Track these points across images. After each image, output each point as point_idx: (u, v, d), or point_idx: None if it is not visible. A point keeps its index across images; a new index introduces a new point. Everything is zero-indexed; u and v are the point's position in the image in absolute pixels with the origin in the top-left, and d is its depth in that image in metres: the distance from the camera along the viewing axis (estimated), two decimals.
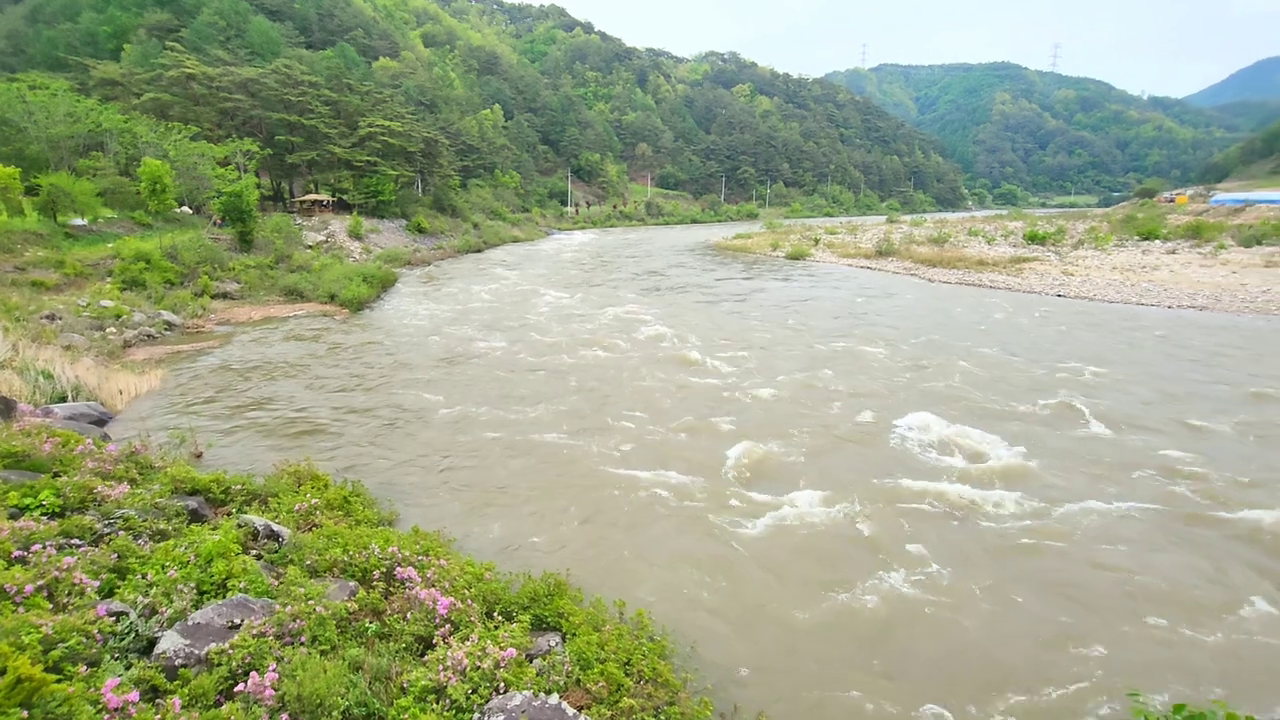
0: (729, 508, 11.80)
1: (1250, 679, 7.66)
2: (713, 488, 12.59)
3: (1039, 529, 11.00)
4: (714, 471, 13.32)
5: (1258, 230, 55.57)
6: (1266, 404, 17.47)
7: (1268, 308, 30.89)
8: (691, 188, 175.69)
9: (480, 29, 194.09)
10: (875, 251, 57.95)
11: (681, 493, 12.38)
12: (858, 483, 12.68)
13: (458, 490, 12.54)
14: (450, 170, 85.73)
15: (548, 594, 7.74)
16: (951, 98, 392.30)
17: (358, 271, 39.30)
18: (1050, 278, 41.27)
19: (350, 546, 8.03)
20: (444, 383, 19.82)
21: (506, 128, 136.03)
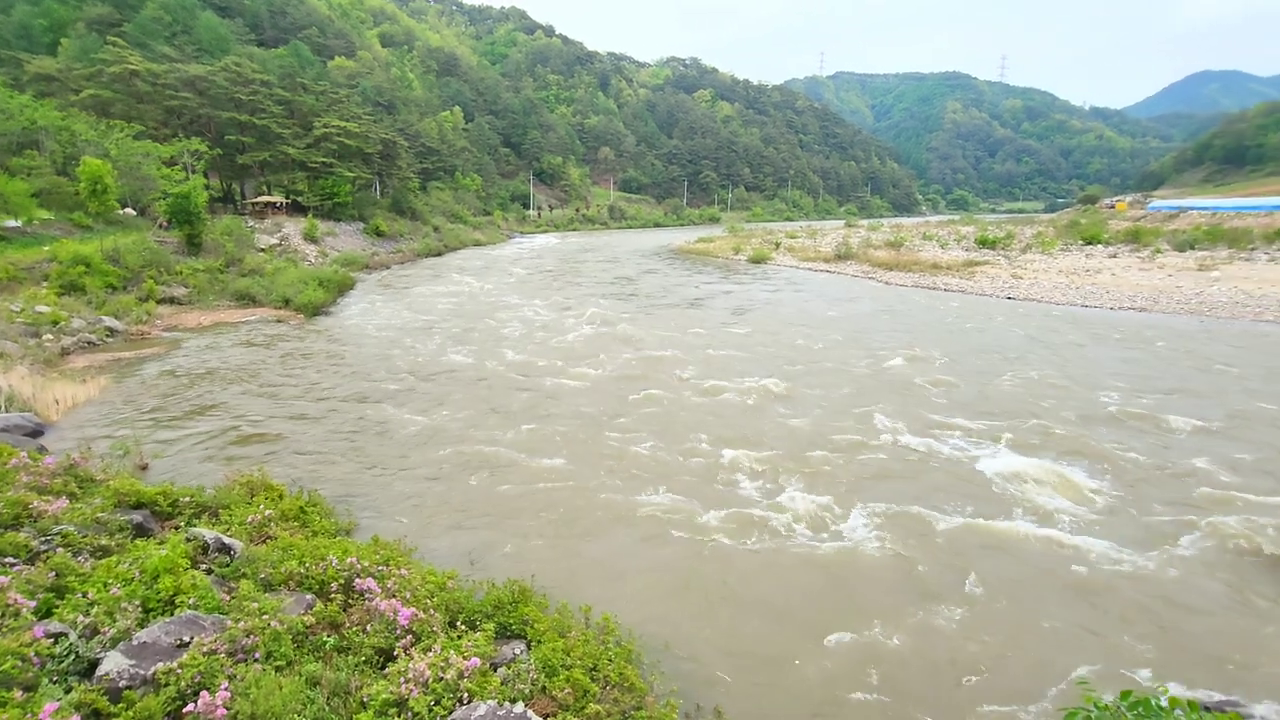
0: (700, 515, 11.85)
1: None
2: (682, 497, 12.63)
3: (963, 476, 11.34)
4: (682, 480, 13.37)
5: (1190, 235, 58.53)
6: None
7: (1200, 309, 32.50)
8: (654, 191, 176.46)
9: (439, 30, 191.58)
10: (835, 255, 59.07)
11: (655, 503, 12.39)
12: (836, 487, 12.89)
13: (419, 499, 12.31)
14: (409, 172, 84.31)
15: (512, 601, 7.65)
16: (906, 106, 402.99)
17: (313, 275, 38.31)
18: (1001, 281, 42.67)
19: (307, 558, 7.80)
20: (404, 391, 19.45)
21: (467, 130, 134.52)
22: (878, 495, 12.37)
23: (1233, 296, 34.50)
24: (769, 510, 11.80)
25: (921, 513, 11.67)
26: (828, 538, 10.93)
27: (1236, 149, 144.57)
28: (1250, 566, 10.12)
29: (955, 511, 11.75)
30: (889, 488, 12.77)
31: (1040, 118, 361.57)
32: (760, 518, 11.53)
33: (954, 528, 11.19)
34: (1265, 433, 15.72)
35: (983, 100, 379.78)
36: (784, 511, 11.71)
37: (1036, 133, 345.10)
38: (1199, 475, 13.27)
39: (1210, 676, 7.71)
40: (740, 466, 13.72)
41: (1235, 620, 8.87)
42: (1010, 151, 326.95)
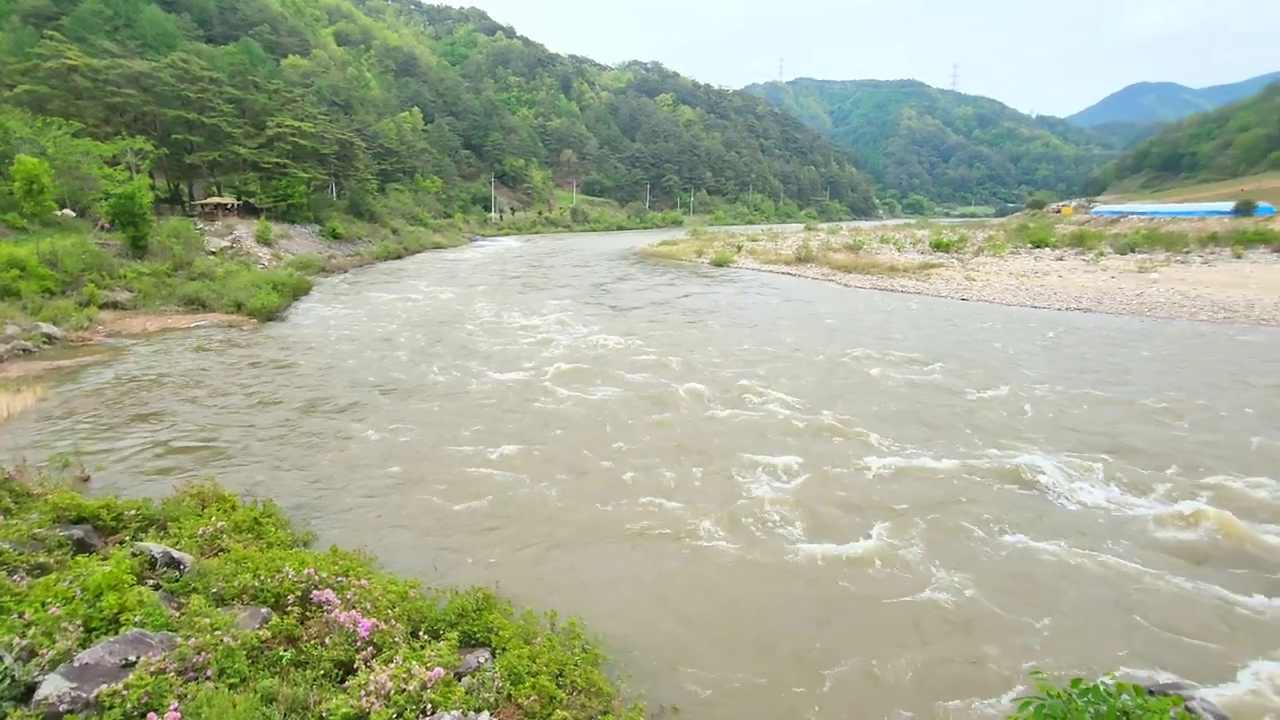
0: (667, 521, 11.88)
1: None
2: (651, 505, 12.64)
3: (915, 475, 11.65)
4: (651, 487, 13.39)
5: (1130, 239, 61.25)
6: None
7: (1141, 310, 34.01)
8: (617, 194, 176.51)
9: (397, 29, 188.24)
10: (795, 258, 59.99)
11: (623, 511, 12.37)
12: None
13: (379, 509, 12.04)
14: (367, 174, 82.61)
15: (476, 609, 7.53)
16: (863, 112, 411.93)
17: (267, 279, 37.21)
18: (955, 283, 43.92)
19: (262, 570, 7.55)
20: (363, 401, 19.03)
21: (427, 131, 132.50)
22: (857, 506, 12.59)
23: (1170, 298, 36.18)
24: (737, 515, 11.90)
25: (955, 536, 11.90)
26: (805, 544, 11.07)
27: (1172, 157, 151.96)
28: (1179, 546, 10.61)
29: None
30: (866, 498, 13.01)
31: (991, 125, 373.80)
32: (726, 524, 11.62)
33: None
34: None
35: (936, 107, 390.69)
36: (752, 518, 11.83)
37: (987, 139, 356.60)
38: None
39: (1159, 661, 8.06)
40: (693, 474, 13.81)
41: (1184, 606, 9.28)
42: (963, 157, 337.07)
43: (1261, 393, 19.37)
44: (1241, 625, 8.84)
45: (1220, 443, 15.25)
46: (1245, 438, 15.53)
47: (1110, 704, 3.40)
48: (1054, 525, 11.46)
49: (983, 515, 11.74)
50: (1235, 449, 14.87)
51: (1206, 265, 49.08)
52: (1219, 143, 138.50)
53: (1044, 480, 13.05)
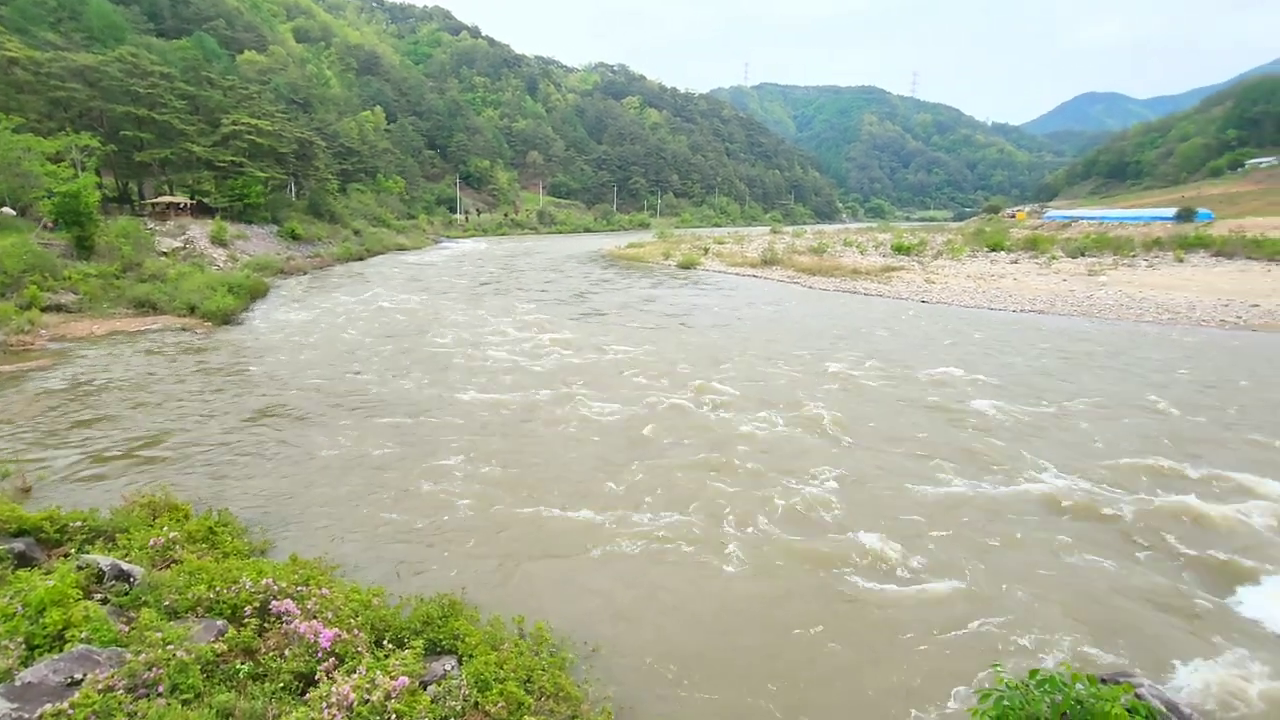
0: (630, 527, 11.87)
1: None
2: (615, 512, 12.61)
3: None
4: (616, 495, 13.37)
5: (1081, 243, 63.54)
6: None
7: (1091, 311, 35.28)
8: (584, 197, 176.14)
9: (359, 27, 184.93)
10: (761, 261, 60.66)
11: (589, 517, 12.32)
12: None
13: (341, 516, 11.77)
14: (327, 174, 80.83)
15: (442, 616, 7.42)
16: (826, 117, 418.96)
17: (222, 281, 36.12)
18: (915, 285, 44.96)
19: (217, 581, 7.32)
20: (323, 407, 18.60)
21: (389, 131, 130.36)
22: (830, 507, 12.75)
23: (1118, 300, 37.62)
24: (702, 520, 11.96)
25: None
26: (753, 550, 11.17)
27: (1119, 164, 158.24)
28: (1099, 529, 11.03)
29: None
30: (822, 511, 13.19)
31: (948, 132, 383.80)
32: (690, 529, 11.67)
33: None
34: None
35: (896, 114, 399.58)
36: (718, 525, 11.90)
37: (945, 146, 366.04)
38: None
39: (1111, 651, 8.35)
40: (663, 478, 13.86)
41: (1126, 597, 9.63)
42: (922, 163, 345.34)
43: (1185, 389, 20.27)
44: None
45: (1203, 439, 15.92)
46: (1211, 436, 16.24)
47: (1065, 693, 3.51)
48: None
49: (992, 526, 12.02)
50: (1201, 445, 15.55)
51: (1151, 269, 51.18)
52: (1161, 151, 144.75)
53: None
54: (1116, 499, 12.51)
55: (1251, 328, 30.83)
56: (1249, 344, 27.63)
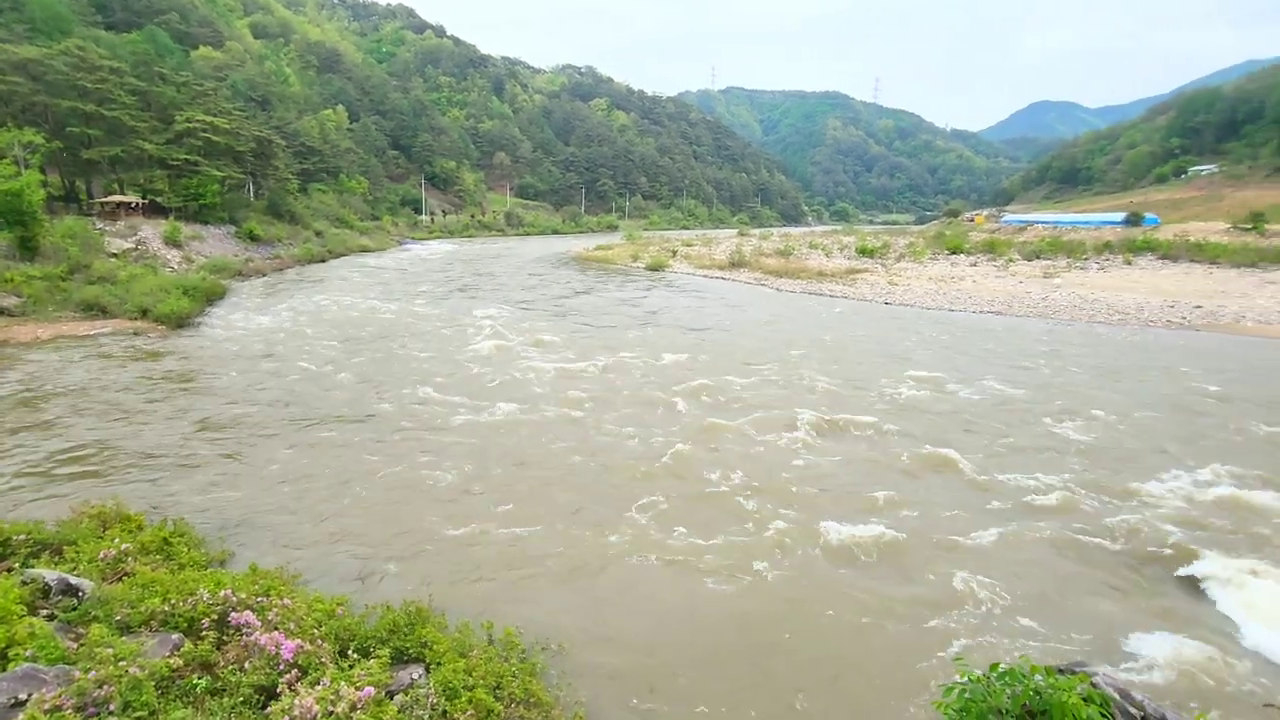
0: (595, 528, 11.84)
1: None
2: (579, 512, 12.57)
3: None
4: (580, 493, 13.32)
5: (1036, 246, 65.63)
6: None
7: (1047, 312, 36.44)
8: (552, 199, 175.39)
9: (319, 24, 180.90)
10: (729, 263, 61.16)
11: (553, 517, 12.25)
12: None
13: (303, 524, 11.50)
14: (287, 173, 78.89)
15: (409, 624, 7.29)
16: (791, 121, 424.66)
17: (176, 283, 34.97)
18: (879, 287, 45.84)
19: (172, 594, 7.06)
20: (282, 412, 18.14)
21: (352, 130, 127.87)
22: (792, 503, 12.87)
23: (1072, 301, 38.93)
24: (665, 523, 11.99)
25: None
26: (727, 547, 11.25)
27: (1071, 170, 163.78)
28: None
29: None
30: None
31: (910, 137, 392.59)
32: (652, 532, 11.70)
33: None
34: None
35: (859, 119, 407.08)
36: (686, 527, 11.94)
37: (907, 151, 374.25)
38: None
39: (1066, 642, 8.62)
40: (632, 483, 13.87)
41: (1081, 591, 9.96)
42: (884, 167, 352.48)
43: (1134, 384, 21.10)
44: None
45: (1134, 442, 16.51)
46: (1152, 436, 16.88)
47: (1025, 685, 3.62)
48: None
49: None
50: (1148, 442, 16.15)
51: (1103, 271, 53.09)
52: (1111, 158, 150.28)
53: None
54: (1077, 498, 12.94)
55: (1195, 328, 32.20)
56: (1193, 343, 28.86)
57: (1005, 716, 3.57)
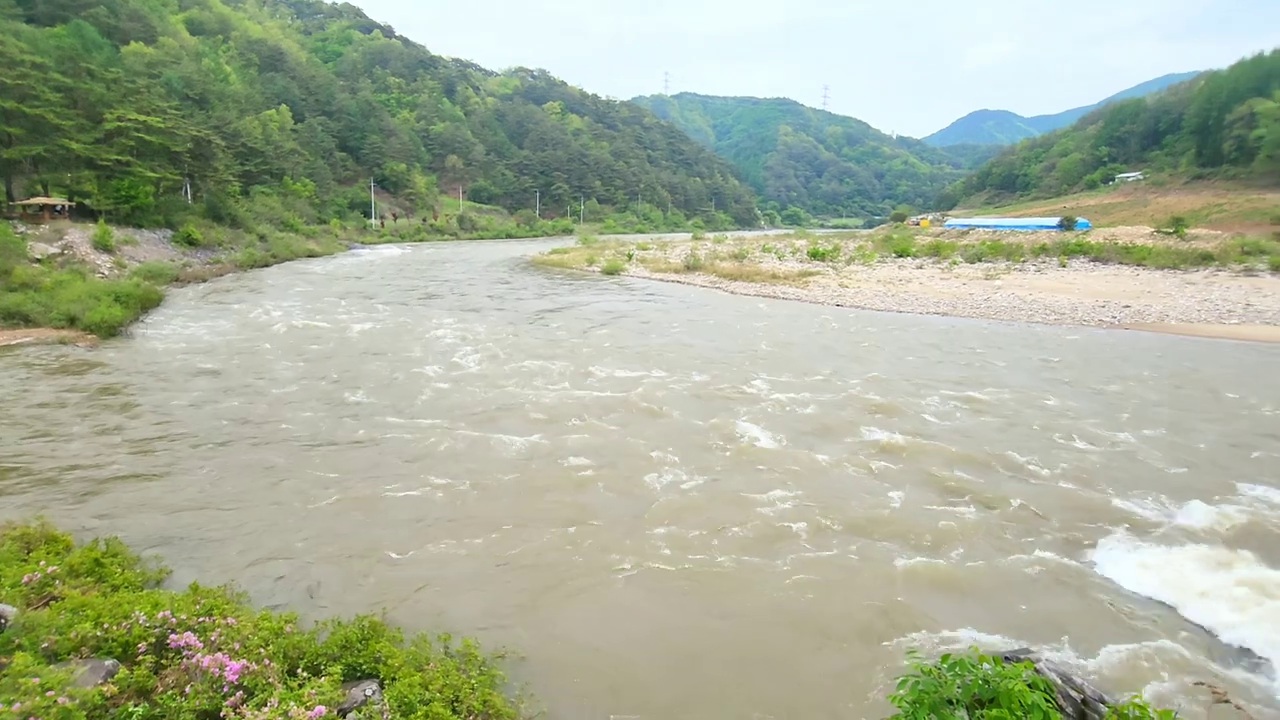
0: (549, 530, 11.75)
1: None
2: (531, 514, 12.45)
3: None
4: (534, 498, 13.20)
5: (978, 249, 68.14)
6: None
7: (989, 313, 37.87)
8: (506, 202, 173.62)
9: (261, 21, 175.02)
10: (684, 267, 61.61)
11: (501, 519, 12.10)
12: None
13: (246, 540, 11.05)
14: (228, 175, 75.96)
15: (362, 639, 7.09)
16: (744, 127, 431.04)
17: (108, 290, 33.26)
18: (831, 290, 46.88)
19: (105, 617, 6.70)
20: (221, 424, 17.44)
21: (297, 131, 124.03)
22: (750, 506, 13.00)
23: (1011, 302, 40.56)
24: (630, 534, 11.99)
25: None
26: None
27: (1009, 176, 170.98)
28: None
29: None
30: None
31: (858, 143, 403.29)
32: (618, 542, 11.68)
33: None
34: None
35: (809, 125, 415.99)
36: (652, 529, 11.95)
37: (855, 156, 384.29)
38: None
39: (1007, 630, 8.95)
40: (594, 488, 13.83)
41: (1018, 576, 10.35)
42: (834, 173, 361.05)
43: (1082, 380, 22.16)
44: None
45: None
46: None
47: (974, 674, 3.74)
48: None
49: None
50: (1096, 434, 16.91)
51: (1040, 273, 55.51)
52: (1045, 165, 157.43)
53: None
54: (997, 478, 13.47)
55: (1124, 326, 33.96)
56: (1122, 341, 30.45)
57: (956, 706, 3.68)
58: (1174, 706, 4.95)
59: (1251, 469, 14.53)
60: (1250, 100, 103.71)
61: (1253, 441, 16.40)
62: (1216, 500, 12.72)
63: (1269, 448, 15.96)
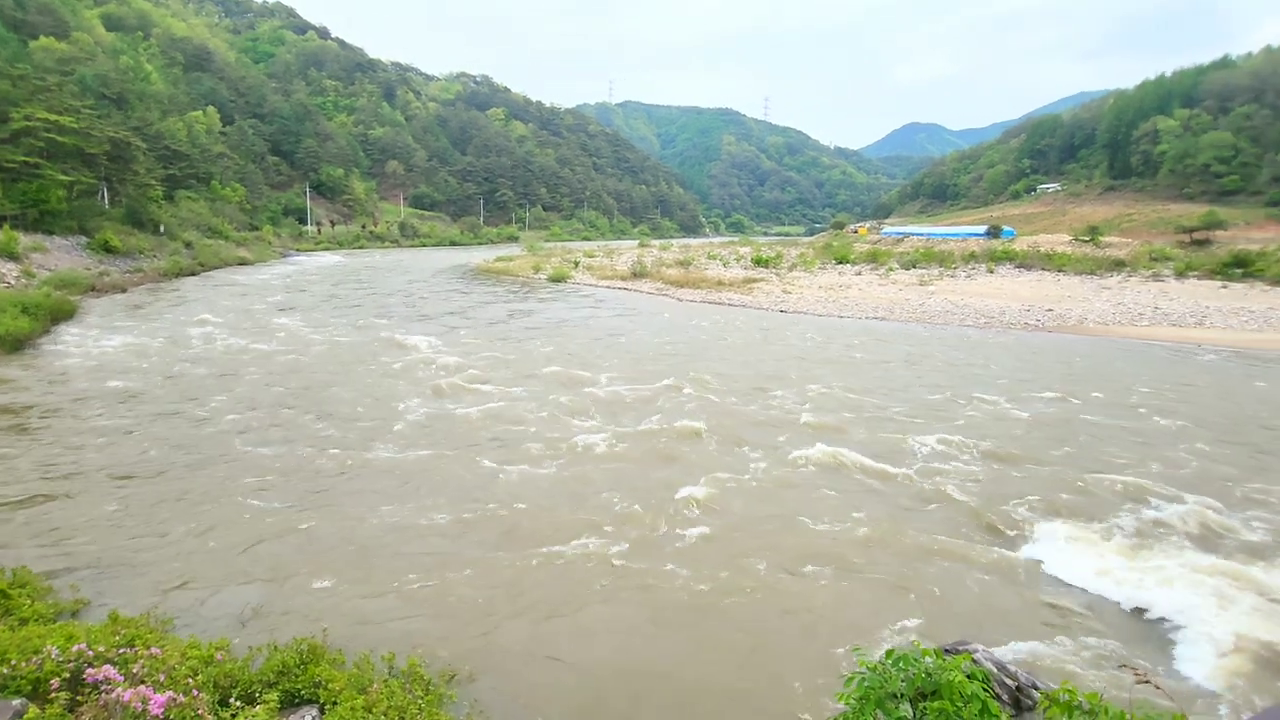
0: (491, 534, 11.56)
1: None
2: (465, 520, 12.22)
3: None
4: (466, 505, 12.96)
5: (913, 256, 70.95)
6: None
7: (924, 317, 39.41)
8: (449, 209, 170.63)
9: (185, 18, 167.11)
10: (631, 274, 61.86)
11: (437, 526, 11.83)
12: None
13: (171, 564, 10.43)
14: (149, 178, 72.07)
15: (300, 663, 6.77)
16: (688, 136, 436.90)
17: (13, 300, 30.95)
18: (774, 296, 47.90)
19: (12, 654, 6.20)
20: (136, 440, 16.48)
21: (225, 134, 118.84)
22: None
23: (944, 307, 42.33)
24: (589, 548, 11.90)
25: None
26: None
27: (940, 187, 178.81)
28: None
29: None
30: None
31: (798, 153, 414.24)
32: (572, 557, 11.58)
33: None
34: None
35: (752, 135, 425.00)
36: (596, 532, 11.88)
37: (796, 166, 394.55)
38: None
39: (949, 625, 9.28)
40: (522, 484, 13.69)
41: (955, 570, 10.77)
42: (776, 182, 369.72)
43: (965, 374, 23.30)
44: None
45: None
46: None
47: (918, 668, 3.86)
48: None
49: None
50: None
51: (970, 279, 58.15)
52: (973, 176, 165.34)
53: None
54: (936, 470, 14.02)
55: (1047, 329, 35.90)
56: (1046, 342, 32.18)
57: (901, 700, 3.79)
58: (1099, 688, 5.22)
59: (1166, 462, 15.54)
60: (1154, 118, 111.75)
61: (1163, 438, 17.55)
62: (1135, 489, 13.55)
63: (1180, 445, 17.11)
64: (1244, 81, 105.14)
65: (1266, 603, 9.42)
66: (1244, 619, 9.01)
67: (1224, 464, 15.32)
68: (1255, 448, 16.68)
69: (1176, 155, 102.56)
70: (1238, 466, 15.16)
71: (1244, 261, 54.88)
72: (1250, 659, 8.30)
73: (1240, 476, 14.49)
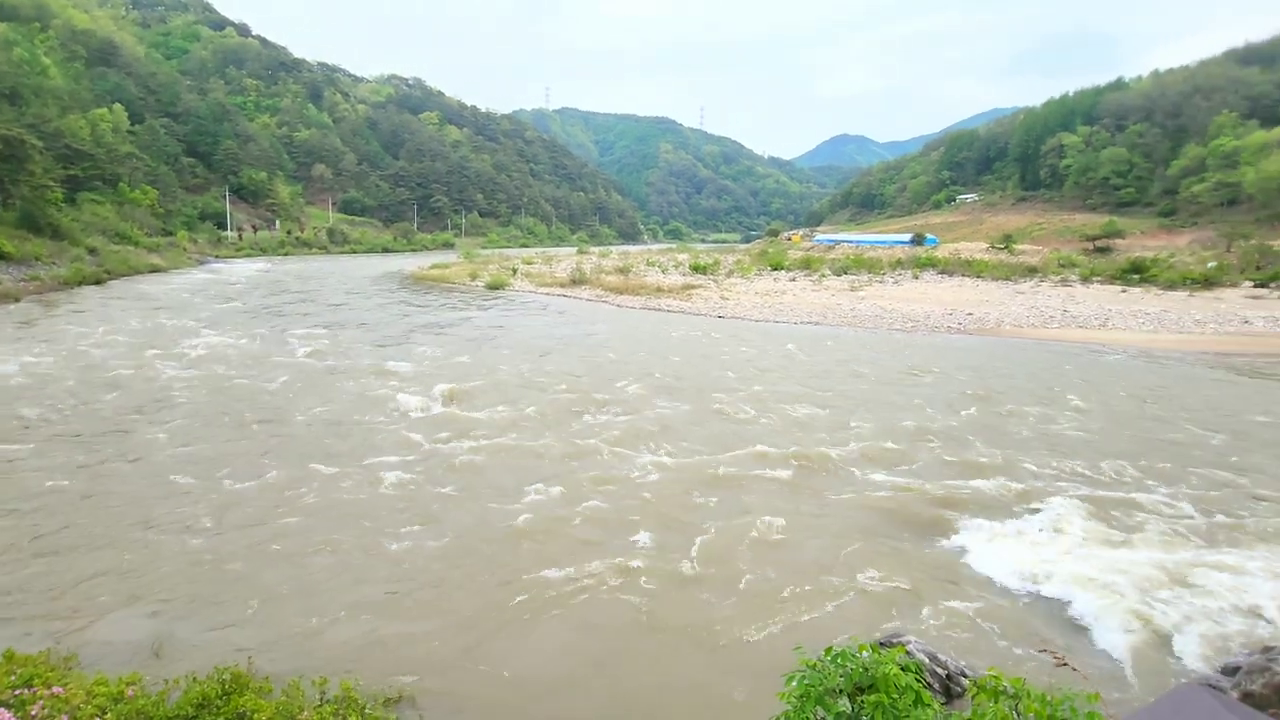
0: (412, 540, 11.25)
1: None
2: (388, 526, 11.88)
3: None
4: (386, 512, 12.60)
5: (844, 263, 73.58)
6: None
7: (855, 321, 40.84)
8: (381, 214, 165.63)
9: (88, 9, 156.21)
10: (570, 281, 61.58)
11: (364, 534, 11.43)
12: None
13: (72, 594, 9.65)
14: (47, 179, 66.89)
15: (223, 694, 6.37)
16: (626, 144, 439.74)
17: None
18: (712, 302, 48.64)
19: None
20: (24, 462, 15.27)
21: (134, 133, 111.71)
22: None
23: (874, 311, 44.00)
24: (538, 559, 11.72)
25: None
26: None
27: (868, 196, 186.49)
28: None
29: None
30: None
31: (733, 162, 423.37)
32: (520, 570, 11.40)
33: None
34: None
35: (688, 144, 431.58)
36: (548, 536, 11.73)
37: (732, 175, 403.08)
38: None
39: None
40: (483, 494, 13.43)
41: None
42: (713, 190, 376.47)
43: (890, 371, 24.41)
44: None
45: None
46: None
47: (855, 663, 3.97)
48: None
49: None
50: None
51: (897, 285, 60.69)
52: (898, 187, 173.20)
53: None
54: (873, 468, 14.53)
55: (968, 332, 37.82)
56: (968, 344, 33.90)
57: (840, 695, 3.88)
58: (1023, 673, 5.51)
59: (1082, 454, 16.60)
60: (1060, 134, 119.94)
61: (1073, 432, 18.76)
62: (1055, 481, 14.40)
63: (1095, 435, 18.31)
64: (1136, 102, 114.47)
65: (1172, 585, 10.17)
66: (1150, 602, 9.69)
67: (1122, 457, 16.47)
68: (1152, 441, 18.02)
69: (1080, 169, 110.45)
70: (1134, 458, 16.34)
71: (1140, 268, 59.53)
72: (1158, 640, 8.94)
73: (1142, 468, 15.62)
